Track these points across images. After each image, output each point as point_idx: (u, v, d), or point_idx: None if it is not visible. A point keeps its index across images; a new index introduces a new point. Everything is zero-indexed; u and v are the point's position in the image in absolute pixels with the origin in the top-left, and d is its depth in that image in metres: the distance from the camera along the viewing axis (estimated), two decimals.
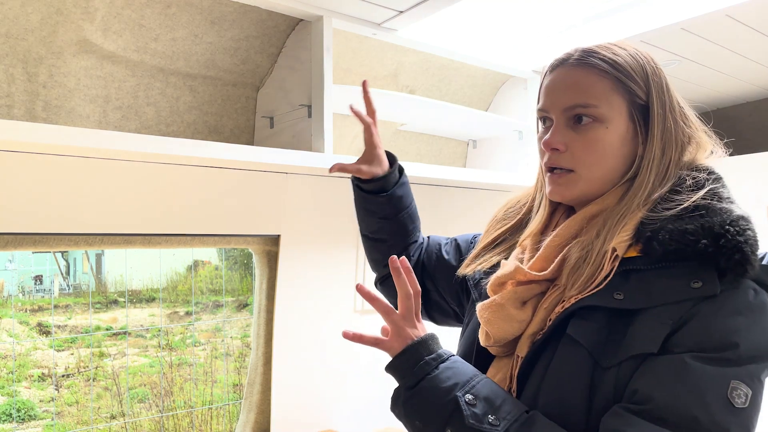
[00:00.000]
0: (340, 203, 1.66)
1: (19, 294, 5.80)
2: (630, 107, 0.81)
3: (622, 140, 0.81)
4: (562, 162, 0.82)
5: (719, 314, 0.70)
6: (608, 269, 0.75)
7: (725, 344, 0.68)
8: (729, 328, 0.69)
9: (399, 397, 0.79)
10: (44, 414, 4.40)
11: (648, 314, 0.72)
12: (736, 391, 0.66)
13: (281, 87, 1.51)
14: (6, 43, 1.19)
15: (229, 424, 4.05)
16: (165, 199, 1.36)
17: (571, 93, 0.81)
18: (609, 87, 0.80)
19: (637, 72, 0.82)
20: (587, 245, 0.79)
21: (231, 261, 6.20)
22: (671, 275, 0.73)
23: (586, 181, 0.82)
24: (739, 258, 0.70)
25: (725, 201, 0.77)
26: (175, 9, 1.31)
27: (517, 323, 0.82)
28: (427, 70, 1.80)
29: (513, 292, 0.83)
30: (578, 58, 0.83)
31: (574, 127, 0.82)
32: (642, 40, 1.61)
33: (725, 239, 0.71)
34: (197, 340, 5.55)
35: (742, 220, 0.74)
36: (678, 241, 0.72)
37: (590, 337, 0.74)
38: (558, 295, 0.80)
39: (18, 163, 1.15)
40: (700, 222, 0.73)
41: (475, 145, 2.12)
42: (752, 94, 2.24)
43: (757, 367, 0.69)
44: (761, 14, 1.48)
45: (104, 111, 1.35)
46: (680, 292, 0.71)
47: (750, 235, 0.72)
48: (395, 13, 1.40)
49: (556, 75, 0.84)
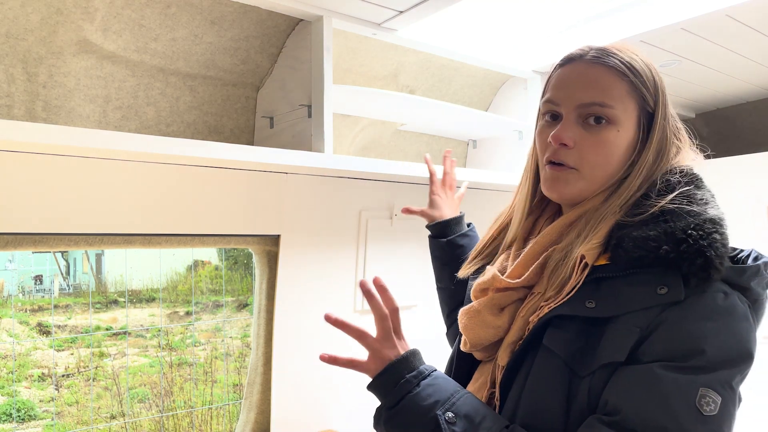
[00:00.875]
0: (340, 203, 1.66)
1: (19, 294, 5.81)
2: (640, 113, 0.81)
3: (627, 145, 0.80)
4: (569, 159, 0.80)
5: (685, 321, 0.69)
6: (577, 278, 0.75)
7: (692, 351, 0.67)
8: (695, 334, 0.68)
9: (380, 416, 0.79)
10: (44, 414, 4.40)
11: (618, 322, 0.72)
12: (704, 399, 0.65)
13: (281, 87, 1.51)
14: (6, 43, 1.19)
15: (229, 424, 4.05)
16: (165, 199, 1.36)
17: (591, 90, 0.79)
18: (626, 90, 0.79)
19: (649, 79, 0.81)
20: (566, 248, 0.79)
21: (231, 261, 6.20)
22: (638, 282, 0.72)
23: (586, 182, 0.81)
24: (701, 263, 0.69)
25: (697, 203, 0.76)
26: (175, 9, 1.31)
27: (492, 329, 0.82)
28: (427, 70, 1.80)
29: (490, 298, 0.83)
30: (596, 56, 0.81)
31: (584, 125, 0.80)
32: (642, 40, 1.61)
33: (687, 244, 0.70)
34: (197, 340, 5.55)
35: (709, 223, 0.72)
36: (641, 247, 0.72)
37: (565, 346, 0.74)
38: (536, 302, 0.80)
39: (18, 163, 1.15)
40: (663, 228, 0.72)
41: (475, 145, 2.12)
42: (752, 94, 2.24)
43: (728, 372, 0.68)
44: (761, 14, 1.48)
45: (104, 111, 1.35)
46: (647, 298, 0.71)
47: (715, 239, 0.71)
48: (395, 13, 1.40)
49: (571, 69, 0.82)
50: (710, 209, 0.75)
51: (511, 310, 0.83)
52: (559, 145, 0.80)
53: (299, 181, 1.54)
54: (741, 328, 0.70)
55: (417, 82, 1.82)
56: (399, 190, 1.77)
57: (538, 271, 0.81)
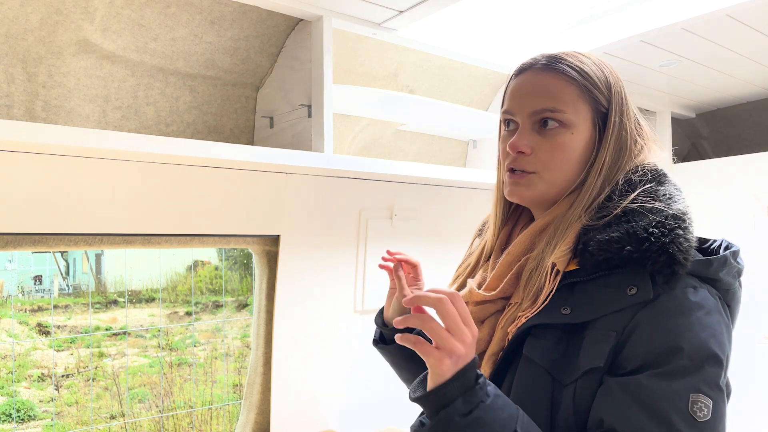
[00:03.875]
0: (340, 203, 1.66)
1: (19, 294, 5.81)
2: (594, 114, 0.82)
3: (584, 146, 0.82)
4: (526, 165, 0.83)
5: (659, 320, 0.69)
6: (551, 286, 0.75)
7: (670, 350, 0.67)
8: (670, 332, 0.68)
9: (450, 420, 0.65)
10: (44, 414, 4.40)
11: (595, 327, 0.72)
12: (696, 405, 0.65)
13: (281, 87, 1.51)
14: (6, 43, 1.18)
15: (229, 424, 4.05)
16: (165, 199, 1.36)
17: (540, 97, 0.82)
18: (576, 93, 0.81)
19: (601, 80, 0.82)
20: (538, 256, 0.79)
21: (231, 261, 6.20)
22: (608, 284, 0.73)
23: (547, 184, 0.82)
24: (665, 260, 0.70)
25: (661, 199, 0.76)
26: (174, 9, 1.31)
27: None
28: (427, 70, 1.80)
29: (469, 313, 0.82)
30: (546, 63, 0.84)
31: (540, 131, 0.82)
32: (642, 40, 1.61)
33: (649, 242, 0.70)
34: (197, 341, 5.55)
35: (671, 219, 0.73)
36: (606, 249, 0.72)
37: (545, 355, 0.74)
38: (513, 312, 0.80)
39: (18, 163, 1.15)
40: (626, 228, 0.73)
41: (475, 145, 2.12)
42: (752, 94, 2.24)
43: (713, 371, 0.67)
44: (761, 14, 1.48)
45: (104, 111, 1.34)
46: (618, 300, 0.71)
47: (678, 234, 0.71)
48: (395, 13, 1.40)
49: (523, 79, 0.85)
50: (674, 204, 0.76)
51: (491, 322, 0.83)
52: (517, 153, 0.83)
53: (299, 181, 1.54)
54: (713, 320, 0.70)
55: (417, 82, 1.81)
56: (399, 190, 1.77)
57: (513, 282, 0.82)
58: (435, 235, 1.91)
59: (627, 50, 1.71)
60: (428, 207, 1.87)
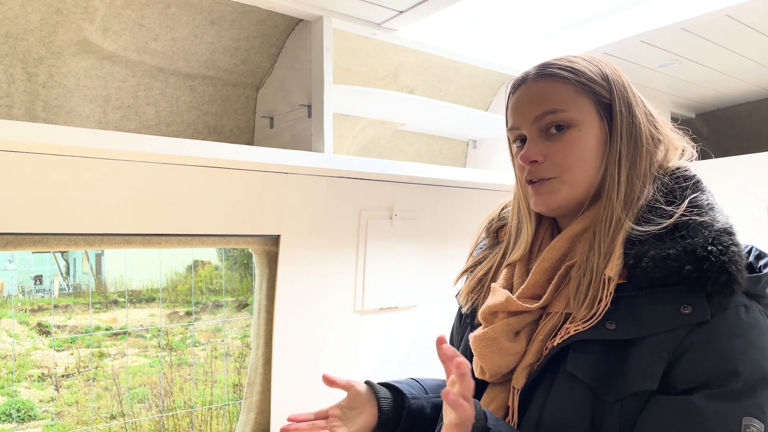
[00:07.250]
0: (340, 203, 1.66)
1: (19, 294, 5.81)
2: (598, 107, 0.81)
3: (596, 140, 0.81)
4: (543, 172, 0.82)
5: (714, 342, 0.68)
6: (607, 300, 0.73)
7: (727, 374, 0.66)
8: (726, 355, 0.67)
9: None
10: (44, 414, 4.40)
11: (643, 345, 0.70)
12: (749, 429, 0.65)
13: (281, 87, 1.51)
14: (6, 43, 1.19)
15: (229, 424, 4.05)
16: (165, 199, 1.36)
17: (539, 103, 0.82)
18: (573, 90, 0.81)
19: (596, 73, 0.82)
20: (583, 264, 0.77)
21: (231, 261, 6.20)
22: (660, 301, 0.71)
23: (569, 186, 0.81)
24: (725, 280, 0.68)
25: (705, 210, 0.75)
26: (175, 9, 1.31)
27: (511, 356, 0.79)
28: (427, 70, 1.80)
29: (506, 324, 0.80)
30: (537, 72, 0.84)
31: (548, 137, 0.82)
32: (642, 40, 1.61)
33: (709, 262, 0.69)
34: (197, 340, 5.55)
35: (724, 234, 0.71)
36: (661, 267, 0.70)
37: (589, 371, 0.72)
38: (553, 324, 0.78)
39: (18, 163, 1.15)
40: (682, 245, 0.71)
41: (475, 145, 2.12)
42: (752, 94, 2.24)
43: (765, 394, 0.67)
44: (761, 14, 1.48)
45: (104, 111, 1.35)
46: (671, 319, 0.69)
47: (734, 251, 0.70)
48: (395, 13, 1.40)
49: (519, 93, 0.86)
50: (718, 215, 0.75)
51: (527, 333, 0.80)
52: (530, 163, 0.82)
53: (299, 181, 1.54)
54: (765, 341, 0.69)
55: (417, 82, 1.81)
56: (399, 190, 1.77)
57: (553, 291, 0.80)
58: (435, 235, 1.91)
59: (627, 50, 1.71)
60: (428, 207, 1.86)
